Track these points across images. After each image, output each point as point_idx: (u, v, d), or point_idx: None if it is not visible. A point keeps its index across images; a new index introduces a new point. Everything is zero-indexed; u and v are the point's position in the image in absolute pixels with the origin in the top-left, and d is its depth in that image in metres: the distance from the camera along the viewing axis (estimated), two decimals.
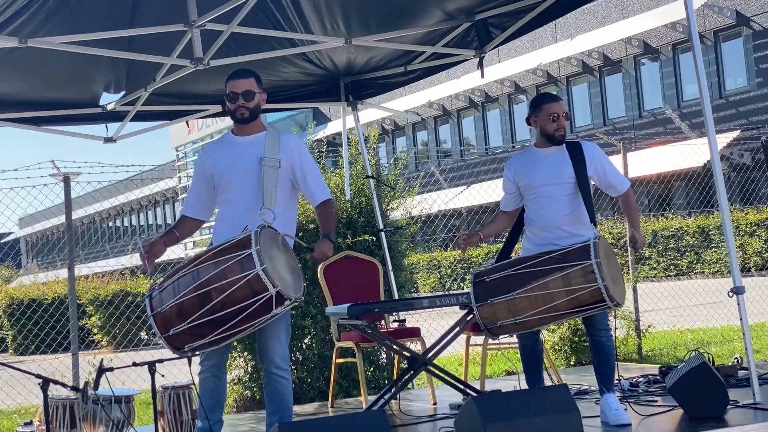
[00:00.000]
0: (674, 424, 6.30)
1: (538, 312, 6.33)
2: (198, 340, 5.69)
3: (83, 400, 6.66)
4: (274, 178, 6.00)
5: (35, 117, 9.09)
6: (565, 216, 6.57)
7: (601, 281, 6.19)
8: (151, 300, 5.73)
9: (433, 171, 41.24)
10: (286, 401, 6.03)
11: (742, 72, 31.60)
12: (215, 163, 6.16)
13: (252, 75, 6.21)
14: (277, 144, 6.10)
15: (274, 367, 6.01)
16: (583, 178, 6.55)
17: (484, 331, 6.59)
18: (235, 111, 6.12)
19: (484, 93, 40.58)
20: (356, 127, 10.12)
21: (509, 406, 5.54)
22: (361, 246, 9.44)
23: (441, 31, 8.79)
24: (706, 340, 12.70)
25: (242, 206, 6.03)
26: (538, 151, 6.74)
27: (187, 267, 5.74)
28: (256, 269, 5.54)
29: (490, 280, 6.47)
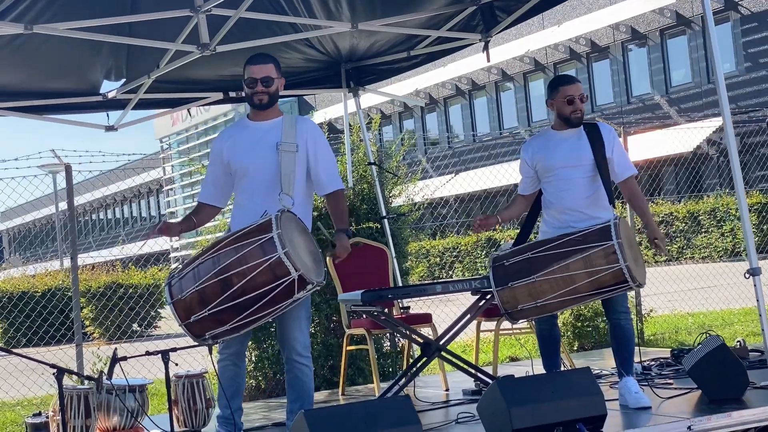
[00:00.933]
0: (693, 406, 6.27)
1: (560, 294, 6.28)
2: (219, 327, 5.63)
3: (98, 390, 6.61)
4: (291, 163, 5.94)
5: (36, 106, 8.99)
6: (584, 198, 6.52)
7: (623, 261, 6.15)
8: (171, 288, 5.68)
9: (420, 160, 41.20)
10: (307, 388, 5.99)
11: (731, 57, 31.61)
12: (232, 149, 6.09)
13: (272, 60, 6.14)
14: (294, 129, 6.04)
15: (295, 354, 5.96)
16: (601, 160, 6.50)
17: (504, 315, 6.53)
18: (252, 96, 6.05)
19: (471, 81, 40.54)
20: (358, 114, 10.05)
21: (533, 390, 5.49)
22: (364, 233, 9.38)
23: (446, 15, 8.72)
24: (707, 323, 12.70)
25: (260, 192, 5.96)
26: (556, 134, 6.69)
27: (207, 253, 5.68)
28: (278, 253, 5.49)
29: (509, 264, 6.42)
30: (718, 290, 14.37)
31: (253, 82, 6.03)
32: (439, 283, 7.05)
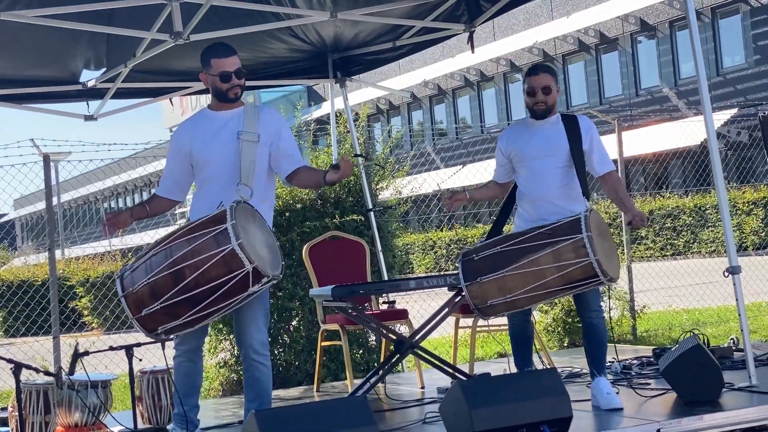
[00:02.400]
0: (667, 408, 6.12)
1: (529, 290, 6.12)
2: (172, 321, 5.50)
3: (58, 386, 6.49)
4: (251, 153, 5.79)
5: (15, 94, 8.89)
6: (557, 189, 6.37)
7: (593, 255, 5.97)
8: (122, 280, 5.55)
9: (428, 151, 41.05)
10: (265, 387, 5.84)
11: (740, 49, 31.36)
12: (193, 140, 5.95)
13: (235, 51, 6.01)
14: (256, 118, 5.90)
15: (253, 353, 5.82)
16: (577, 152, 6.36)
17: (475, 311, 6.38)
18: (228, 90, 5.90)
19: (479, 72, 40.34)
20: (344, 105, 9.93)
21: (496, 391, 5.34)
22: (349, 226, 9.25)
23: (430, 5, 8.56)
24: (702, 320, 12.54)
25: (219, 183, 5.83)
26: (533, 123, 6.57)
27: (160, 245, 5.56)
28: (232, 245, 5.35)
29: (479, 259, 6.27)
30: (716, 286, 14.17)
31: (227, 76, 5.88)
32: (412, 278, 6.92)
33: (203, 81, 6.08)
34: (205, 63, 5.99)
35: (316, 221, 9.34)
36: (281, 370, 9.28)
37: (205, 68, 6.00)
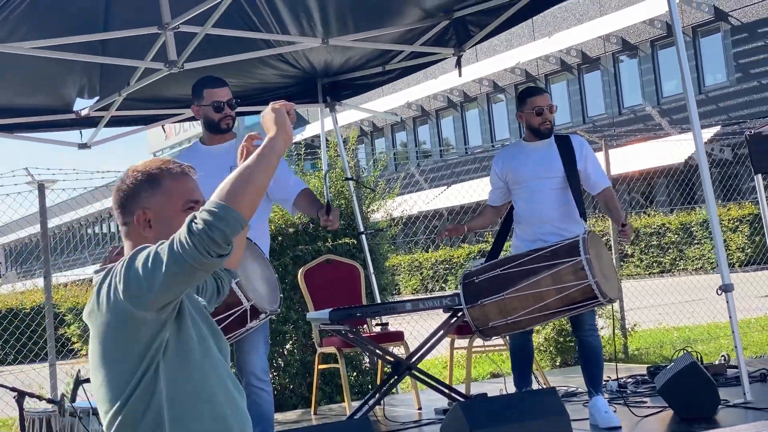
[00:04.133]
0: (665, 426, 6.19)
1: (530, 311, 6.19)
2: None
3: (60, 413, 6.51)
4: None
5: (8, 124, 8.93)
6: (554, 210, 6.45)
7: (592, 278, 6.06)
8: None
9: (412, 172, 41.16)
10: (266, 413, 5.89)
11: (722, 67, 31.60)
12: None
13: (226, 83, 6.09)
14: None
15: (254, 380, 5.86)
16: (572, 172, 6.44)
17: (476, 332, 6.45)
18: (220, 121, 5.98)
19: (462, 93, 40.51)
20: (335, 129, 9.99)
21: (496, 411, 5.40)
22: (341, 249, 9.31)
23: (419, 30, 8.67)
24: (693, 338, 12.62)
25: None
26: (527, 145, 6.65)
27: None
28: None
29: (479, 281, 6.34)
30: (705, 303, 14.27)
31: (220, 107, 5.95)
32: (409, 300, 6.98)
33: (194, 113, 6.15)
34: (197, 94, 6.07)
35: (308, 245, 9.39)
36: (276, 394, 9.30)
37: (196, 100, 6.07)
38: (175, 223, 2.96)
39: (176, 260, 2.70)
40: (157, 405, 2.85)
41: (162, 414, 2.85)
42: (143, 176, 3.06)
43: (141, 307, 2.79)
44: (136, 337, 2.84)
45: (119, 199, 3.08)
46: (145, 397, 2.85)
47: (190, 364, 2.89)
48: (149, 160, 3.15)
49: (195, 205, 3.06)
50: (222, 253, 2.70)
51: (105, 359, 2.88)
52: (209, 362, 2.94)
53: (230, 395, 2.98)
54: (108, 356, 2.87)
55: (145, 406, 2.85)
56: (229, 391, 2.98)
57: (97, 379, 2.93)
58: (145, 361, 2.85)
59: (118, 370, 2.86)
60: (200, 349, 2.93)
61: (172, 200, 3.05)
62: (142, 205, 3.03)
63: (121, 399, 2.86)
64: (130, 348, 2.85)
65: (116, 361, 2.86)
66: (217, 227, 2.69)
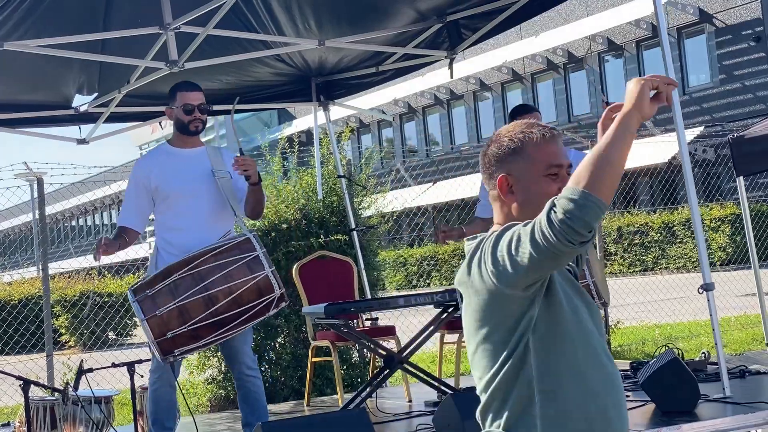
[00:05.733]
0: (647, 419, 6.41)
1: None
2: (192, 343, 5.74)
3: (63, 401, 6.72)
4: (230, 190, 6.10)
5: (9, 119, 9.09)
6: None
7: (590, 278, 6.32)
8: (141, 304, 5.72)
9: (398, 168, 41.35)
10: (260, 399, 6.13)
11: (705, 69, 31.91)
12: (161, 175, 6.18)
13: (200, 88, 6.31)
14: (221, 158, 6.23)
15: (246, 368, 6.10)
16: None
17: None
18: (189, 123, 6.19)
19: (449, 90, 40.73)
20: (328, 127, 10.17)
21: None
22: (333, 246, 9.50)
23: (412, 32, 8.86)
24: (674, 335, 12.87)
25: (195, 216, 6.09)
26: None
27: (182, 270, 5.75)
28: (266, 271, 5.67)
29: None
30: (686, 301, 14.54)
31: (191, 109, 6.17)
32: (401, 296, 7.18)
33: (168, 115, 6.38)
34: (171, 96, 6.32)
35: (301, 241, 9.59)
36: (268, 386, 9.48)
37: (170, 101, 6.32)
38: (536, 188, 2.96)
39: (537, 248, 2.67)
40: (527, 378, 2.86)
41: (533, 387, 2.86)
42: (507, 142, 3.01)
43: (507, 286, 2.79)
44: (505, 312, 2.86)
45: (484, 164, 3.08)
46: (516, 369, 2.86)
47: (562, 338, 2.87)
48: (514, 124, 3.07)
49: (558, 170, 2.97)
50: (584, 240, 2.63)
51: (477, 330, 2.92)
52: (582, 336, 2.91)
53: (604, 369, 2.92)
54: (480, 327, 2.91)
55: (516, 378, 2.87)
56: (603, 365, 2.93)
57: (471, 346, 2.98)
58: (516, 335, 2.86)
59: (490, 341, 2.90)
60: (573, 322, 2.89)
61: (534, 166, 2.97)
62: (505, 170, 3.00)
63: (493, 369, 2.90)
64: (499, 321, 2.87)
65: (487, 332, 2.89)
66: (577, 216, 2.62)
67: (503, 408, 2.90)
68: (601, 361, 2.92)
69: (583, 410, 2.86)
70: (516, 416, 2.88)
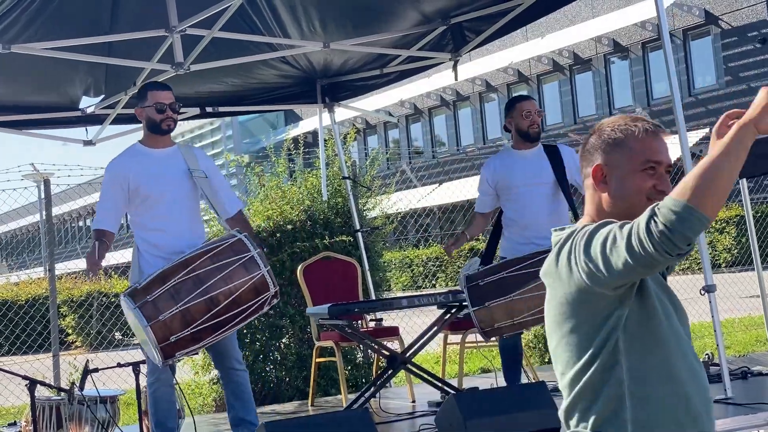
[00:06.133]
0: None
1: (536, 312, 6.44)
2: (193, 345, 5.80)
3: (69, 401, 6.77)
4: (209, 189, 6.16)
5: (16, 121, 9.15)
6: (545, 215, 6.72)
7: None
8: (143, 310, 5.74)
9: (404, 169, 41.39)
10: (249, 392, 6.22)
11: (711, 70, 31.91)
12: (141, 175, 6.20)
13: (171, 88, 6.37)
14: (195, 157, 6.29)
15: (237, 364, 6.20)
16: (562, 179, 6.71)
17: (481, 334, 6.68)
18: (162, 122, 6.25)
19: (455, 92, 40.76)
20: (333, 129, 10.22)
21: (489, 403, 5.68)
22: (338, 246, 9.55)
23: (417, 35, 8.90)
24: None
25: (182, 216, 6.16)
26: (516, 152, 6.90)
27: (181, 274, 5.78)
28: (262, 271, 5.74)
29: (484, 284, 6.57)
30: (691, 303, 14.52)
31: (163, 108, 6.22)
32: (405, 297, 7.24)
33: (138, 115, 6.41)
34: (141, 96, 6.37)
35: (306, 242, 9.64)
36: (273, 386, 9.57)
37: (141, 102, 6.36)
38: (630, 181, 2.88)
39: (633, 255, 2.59)
40: (617, 378, 2.78)
41: (623, 388, 2.79)
42: (609, 132, 2.93)
43: (597, 285, 2.71)
44: (593, 308, 2.79)
45: (583, 153, 3.01)
46: (606, 369, 2.78)
47: (655, 340, 2.79)
48: (618, 116, 2.99)
49: (656, 166, 2.87)
50: (681, 252, 2.54)
51: (561, 323, 2.86)
52: (674, 338, 2.82)
53: (696, 373, 2.84)
54: (564, 321, 2.85)
55: (606, 378, 2.78)
56: (694, 369, 2.84)
57: (552, 340, 2.91)
58: (602, 332, 2.79)
59: (575, 335, 2.82)
60: (665, 323, 2.81)
61: (631, 159, 2.87)
62: (602, 160, 2.92)
63: (578, 365, 2.82)
64: (586, 317, 2.81)
65: (573, 326, 2.83)
66: (678, 230, 2.52)
67: (591, 409, 2.82)
68: (692, 365, 2.84)
69: (675, 415, 2.79)
70: (605, 418, 2.81)
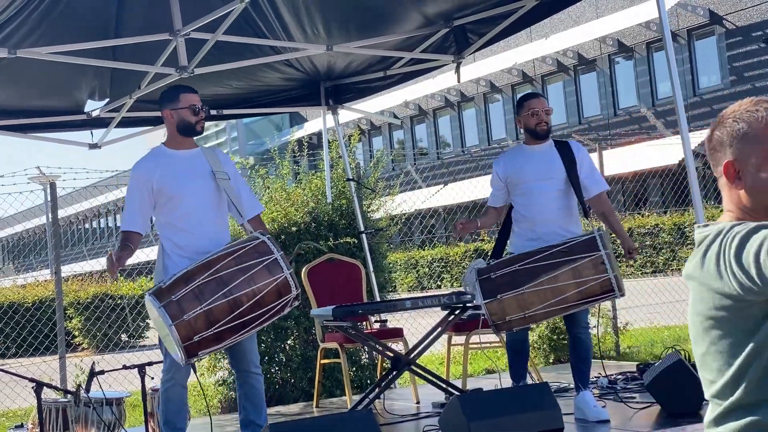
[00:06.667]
0: (652, 420, 6.49)
1: (548, 305, 6.48)
2: (214, 345, 5.85)
3: (75, 403, 6.82)
4: (232, 192, 6.21)
5: (22, 124, 9.19)
6: (555, 211, 6.75)
7: (611, 272, 6.40)
8: (168, 309, 5.78)
9: (409, 170, 41.43)
10: (262, 398, 6.25)
11: (716, 70, 31.92)
12: (165, 176, 6.23)
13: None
14: (217, 159, 6.31)
15: (254, 367, 6.22)
16: (573, 175, 6.75)
17: (492, 327, 6.70)
18: (196, 123, 6.27)
19: (459, 92, 40.80)
20: (337, 131, 10.26)
21: (492, 404, 5.71)
22: (342, 248, 9.59)
23: (419, 37, 8.94)
24: (683, 337, 12.90)
25: (206, 217, 6.19)
26: (527, 148, 6.95)
27: (205, 274, 5.83)
28: (284, 273, 5.80)
29: (496, 277, 6.60)
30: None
31: (197, 110, 6.25)
32: (408, 299, 7.27)
33: (167, 117, 6.38)
34: (172, 98, 6.33)
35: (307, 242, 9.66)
36: (278, 388, 9.60)
37: (170, 104, 6.33)
38: (765, 172, 2.62)
39: None
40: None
41: None
42: (731, 123, 2.68)
43: (749, 294, 2.48)
44: (744, 315, 2.55)
45: (709, 151, 2.75)
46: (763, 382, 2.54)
47: None
48: (739, 103, 2.74)
49: None
50: None
51: (708, 329, 2.62)
52: None
53: None
54: (711, 327, 2.61)
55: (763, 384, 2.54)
56: None
57: (700, 346, 2.68)
58: (755, 338, 2.54)
59: (724, 343, 2.59)
60: None
61: (762, 147, 2.63)
62: (730, 155, 2.67)
63: (729, 375, 2.58)
64: (736, 325, 2.57)
65: (721, 334, 2.59)
66: None
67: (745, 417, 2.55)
68: None
69: None
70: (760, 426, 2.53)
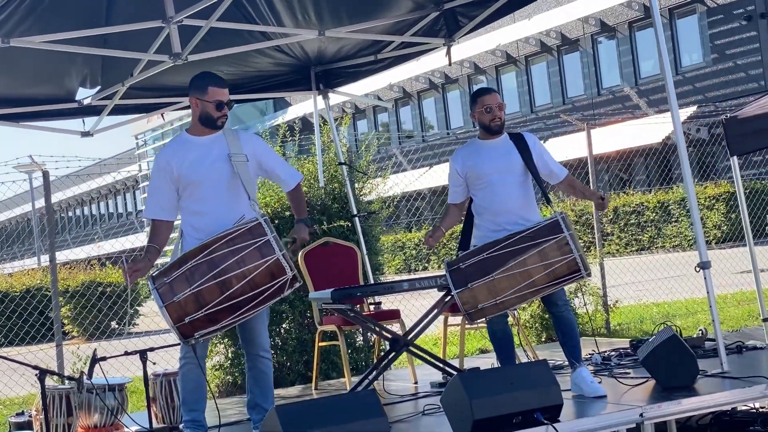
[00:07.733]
0: (648, 394, 6.58)
1: (518, 290, 6.58)
2: (210, 326, 5.90)
3: (78, 389, 6.88)
4: (247, 173, 6.25)
5: (13, 113, 9.20)
6: (515, 200, 6.87)
7: (576, 252, 6.52)
8: (159, 291, 5.86)
9: (394, 153, 41.48)
10: (271, 384, 6.33)
11: (698, 48, 32.05)
12: (182, 164, 6.26)
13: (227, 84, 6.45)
14: (238, 141, 6.34)
15: (262, 350, 6.28)
16: (531, 165, 6.88)
17: (465, 316, 6.82)
18: (218, 119, 6.31)
19: (443, 74, 40.84)
20: (328, 116, 10.30)
21: (493, 382, 5.79)
22: (336, 232, 9.66)
23: (410, 21, 8.99)
24: (671, 313, 13.05)
25: (218, 200, 6.23)
26: (483, 143, 7.03)
27: (198, 257, 5.90)
28: (276, 255, 5.85)
29: (465, 266, 6.70)
30: (683, 280, 14.71)
31: (221, 106, 6.29)
32: (405, 280, 7.34)
33: (192, 104, 6.40)
34: (201, 88, 6.32)
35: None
36: (275, 371, 9.64)
37: (198, 93, 6.33)
38: None
39: None
40: None
41: None
42: None
43: None
44: None
45: None
46: None
47: None
48: None
49: None
50: None
51: None
52: None
53: None
54: None
55: None
56: None
57: None
58: None
59: None
60: None
61: None
62: None
63: None
64: None
65: None
66: None
67: None
68: None
69: None
70: None
